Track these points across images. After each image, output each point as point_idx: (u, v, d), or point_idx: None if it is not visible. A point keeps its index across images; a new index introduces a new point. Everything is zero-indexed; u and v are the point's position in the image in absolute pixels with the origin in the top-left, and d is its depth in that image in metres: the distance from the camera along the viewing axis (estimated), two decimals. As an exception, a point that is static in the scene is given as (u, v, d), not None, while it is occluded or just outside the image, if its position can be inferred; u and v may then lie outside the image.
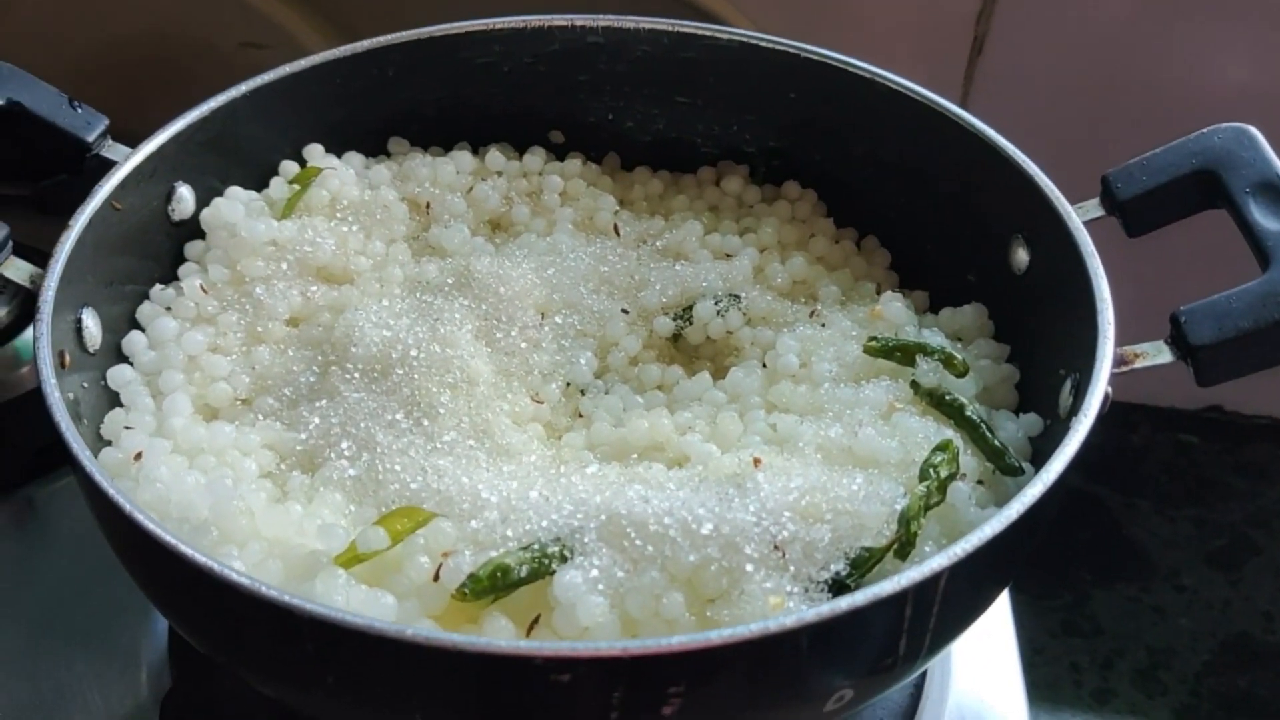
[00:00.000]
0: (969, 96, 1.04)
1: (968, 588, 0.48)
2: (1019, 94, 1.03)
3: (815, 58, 0.78)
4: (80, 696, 0.69)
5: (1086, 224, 0.64)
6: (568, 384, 0.71)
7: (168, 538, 0.47)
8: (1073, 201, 0.66)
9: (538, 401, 0.69)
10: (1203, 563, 1.06)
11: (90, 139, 0.70)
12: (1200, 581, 1.04)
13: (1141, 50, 0.99)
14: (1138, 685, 0.98)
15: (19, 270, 0.62)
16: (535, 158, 0.82)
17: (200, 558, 0.46)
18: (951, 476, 0.57)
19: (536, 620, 0.53)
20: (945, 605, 0.47)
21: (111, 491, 0.49)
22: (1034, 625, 1.01)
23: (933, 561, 0.46)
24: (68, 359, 0.59)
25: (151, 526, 0.47)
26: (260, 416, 0.66)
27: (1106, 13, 0.99)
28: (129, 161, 0.68)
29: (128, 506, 0.48)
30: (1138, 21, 0.98)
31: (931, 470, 0.57)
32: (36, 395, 0.83)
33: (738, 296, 0.73)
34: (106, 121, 0.71)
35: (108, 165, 0.69)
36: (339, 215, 0.76)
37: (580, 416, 0.70)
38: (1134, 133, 0.87)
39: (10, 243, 0.63)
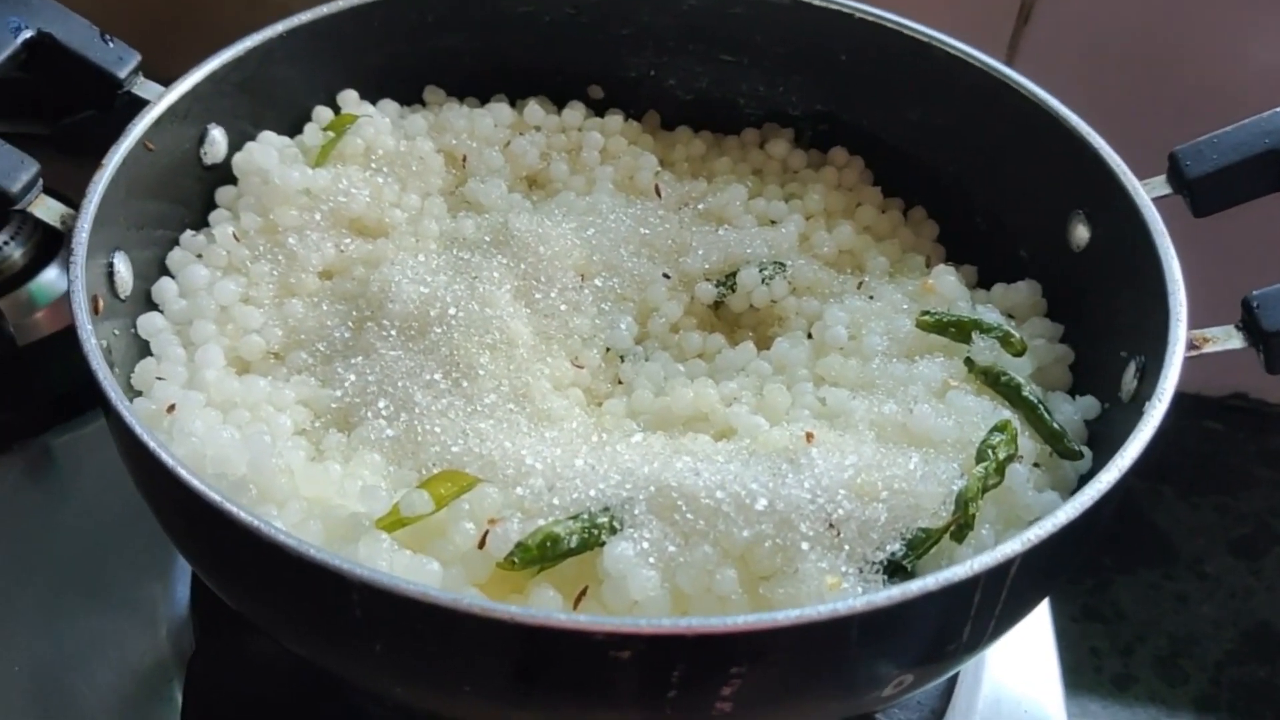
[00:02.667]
0: (1013, 66, 1.02)
1: (1036, 575, 0.47)
2: (1065, 65, 1.00)
3: (870, 19, 0.76)
4: (101, 651, 0.67)
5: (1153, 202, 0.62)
6: (607, 349, 0.69)
7: (213, 495, 0.45)
8: (1126, 179, 0.64)
9: (578, 366, 0.67)
10: (1225, 551, 1.05)
11: (122, 75, 0.67)
12: (1222, 570, 1.03)
13: (1194, 24, 0.97)
14: (1158, 672, 0.97)
15: (49, 210, 0.60)
16: (575, 113, 0.80)
17: (247, 517, 0.44)
18: (1010, 458, 0.56)
19: (584, 592, 0.51)
20: (1012, 592, 0.46)
21: (154, 446, 0.47)
22: (1055, 609, 1.00)
23: (1006, 547, 0.45)
24: (100, 304, 0.57)
25: (196, 484, 0.45)
26: (293, 372, 0.64)
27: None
28: (163, 100, 0.65)
29: (171, 462, 0.46)
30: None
31: (990, 451, 0.56)
32: (54, 341, 0.82)
33: (783, 264, 0.71)
34: (139, 57, 0.68)
35: (138, 104, 0.66)
36: (374, 165, 0.74)
37: (620, 383, 0.68)
38: (1181, 110, 0.85)
39: (40, 180, 0.60)
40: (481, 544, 0.52)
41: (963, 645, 0.47)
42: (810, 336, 0.68)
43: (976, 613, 0.45)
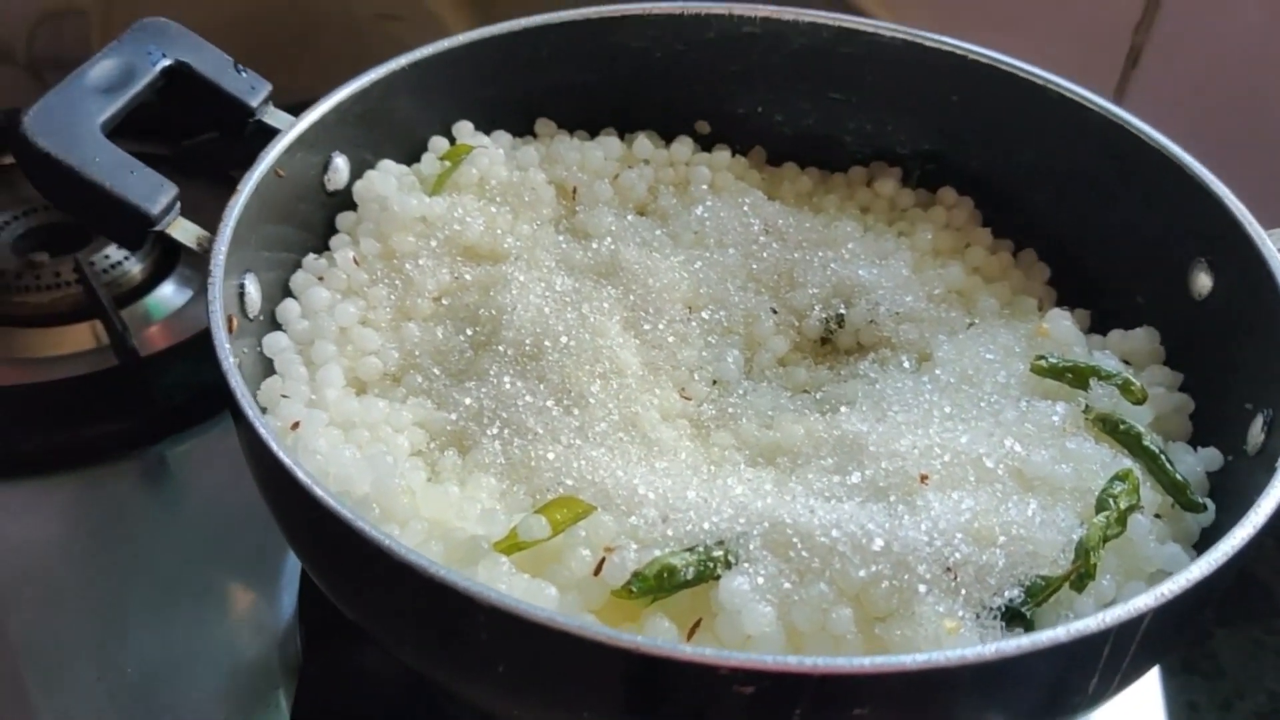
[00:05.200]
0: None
1: (1166, 630, 0.46)
2: (1173, 109, 0.99)
3: (983, 60, 0.76)
4: (208, 657, 0.69)
5: (1280, 253, 0.61)
6: (714, 381, 0.69)
7: (347, 514, 0.46)
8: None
9: (685, 398, 0.67)
10: (1332, 607, 1.01)
11: (254, 104, 0.69)
12: (1329, 627, 0.99)
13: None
14: (1258, 731, 0.94)
15: (186, 232, 0.62)
16: (684, 147, 0.81)
17: (381, 538, 0.45)
18: (1132, 508, 0.55)
19: (698, 624, 0.51)
20: (1142, 646, 0.45)
21: (290, 464, 0.48)
22: (1155, 661, 0.97)
23: (1139, 600, 0.44)
24: (235, 324, 0.59)
25: (332, 504, 0.46)
26: (409, 394, 0.65)
27: (1273, 30, 0.95)
28: (293, 129, 0.67)
29: (307, 482, 0.47)
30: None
31: (1111, 500, 0.55)
32: (170, 354, 0.85)
33: (891, 302, 0.71)
34: (269, 88, 0.71)
35: (267, 131, 0.69)
36: (487, 195, 0.76)
37: (727, 415, 0.68)
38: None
39: (178, 204, 0.63)
40: (597, 571, 0.52)
41: (1087, 698, 0.46)
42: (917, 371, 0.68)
43: (1105, 666, 0.45)
